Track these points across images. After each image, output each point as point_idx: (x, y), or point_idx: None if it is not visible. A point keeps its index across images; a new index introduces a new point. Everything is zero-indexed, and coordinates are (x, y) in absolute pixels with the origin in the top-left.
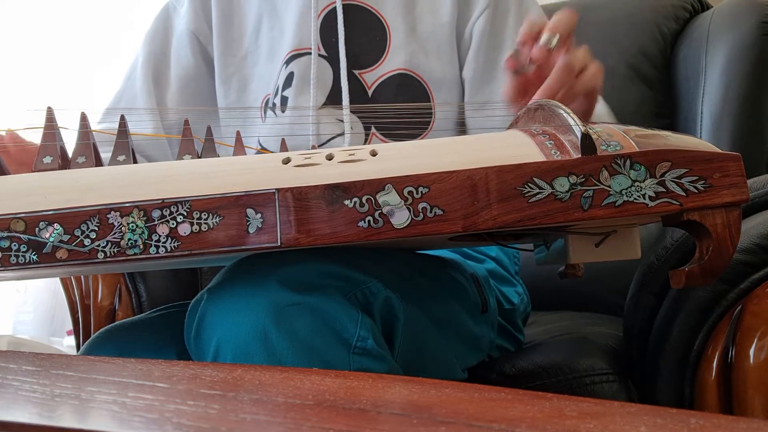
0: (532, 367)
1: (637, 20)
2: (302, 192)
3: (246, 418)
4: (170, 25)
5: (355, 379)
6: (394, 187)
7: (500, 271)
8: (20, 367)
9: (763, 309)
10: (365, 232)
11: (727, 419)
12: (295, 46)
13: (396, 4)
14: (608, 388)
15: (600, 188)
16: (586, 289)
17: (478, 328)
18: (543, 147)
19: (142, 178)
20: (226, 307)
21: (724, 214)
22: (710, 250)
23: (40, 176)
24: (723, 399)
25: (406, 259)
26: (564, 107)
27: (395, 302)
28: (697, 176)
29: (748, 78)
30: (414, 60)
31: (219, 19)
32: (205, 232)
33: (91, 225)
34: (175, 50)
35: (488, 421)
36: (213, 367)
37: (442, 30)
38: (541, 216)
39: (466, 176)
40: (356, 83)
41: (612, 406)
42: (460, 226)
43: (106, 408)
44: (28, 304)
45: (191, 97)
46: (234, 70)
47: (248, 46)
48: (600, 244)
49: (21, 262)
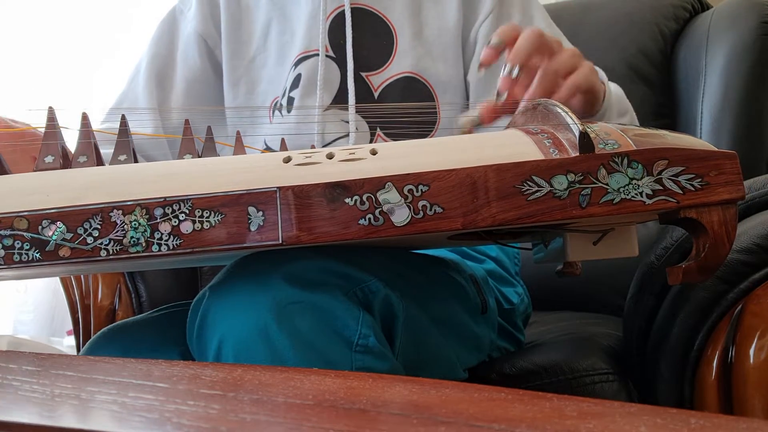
0: (532, 367)
1: (637, 20)
2: (303, 190)
3: (246, 418)
4: (177, 28)
5: (355, 379)
6: (394, 186)
7: (500, 272)
8: (20, 367)
9: (764, 309)
10: (366, 230)
11: (727, 419)
12: (304, 48)
13: (403, 9)
14: (608, 388)
15: (598, 186)
16: (586, 289)
17: (479, 328)
18: (541, 145)
19: (144, 177)
20: (228, 305)
21: (721, 211)
22: (707, 247)
23: (42, 175)
24: (723, 399)
25: (405, 258)
26: (562, 106)
27: (395, 301)
28: (693, 174)
29: (748, 78)
30: (420, 63)
31: (228, 22)
32: (207, 230)
33: (93, 223)
34: (181, 53)
35: (488, 421)
36: (213, 367)
37: (448, 34)
38: (540, 214)
39: (466, 174)
40: (363, 85)
41: (612, 406)
42: (460, 224)
43: (106, 408)
44: (28, 304)
45: (196, 99)
46: (242, 73)
47: (256, 49)
48: (598, 242)
49: (24, 260)
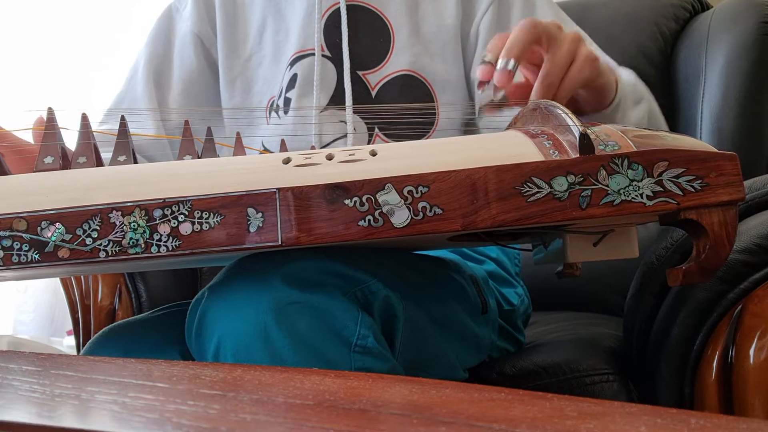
0: (532, 367)
1: (637, 20)
2: (303, 191)
3: (246, 418)
4: (173, 27)
5: (355, 379)
6: (393, 187)
7: (500, 273)
8: (20, 367)
9: (764, 309)
10: (365, 231)
11: (727, 419)
12: (299, 48)
13: (400, 5)
14: (608, 388)
15: (598, 187)
16: (586, 289)
17: (479, 328)
18: (541, 147)
19: (143, 178)
20: (227, 305)
21: (721, 212)
22: (707, 249)
23: (41, 176)
24: (723, 399)
25: (405, 258)
26: (563, 107)
27: (395, 301)
28: (694, 175)
29: (748, 78)
30: (418, 61)
31: (223, 21)
32: (206, 231)
33: (92, 224)
34: (178, 52)
35: (488, 421)
36: (213, 367)
37: (447, 30)
38: (540, 215)
39: (466, 176)
40: (360, 84)
41: (612, 406)
42: (460, 225)
43: (106, 408)
44: (28, 304)
45: (194, 99)
46: (238, 72)
47: (252, 47)
48: (598, 243)
49: (23, 261)
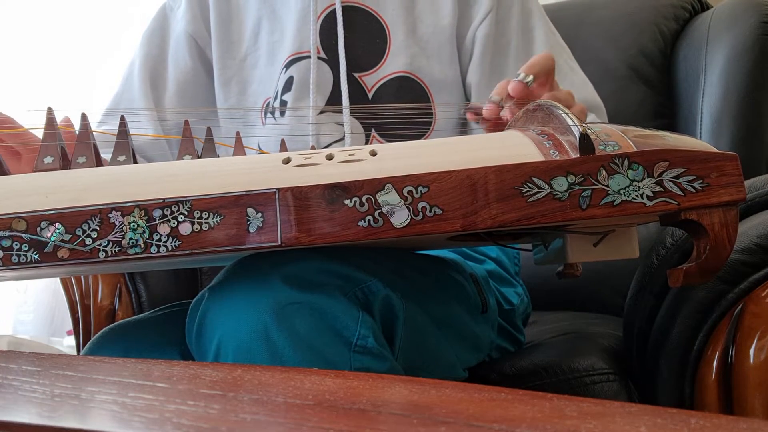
0: (532, 367)
1: (637, 20)
2: (302, 191)
3: (246, 418)
4: (167, 27)
5: (355, 379)
6: (393, 187)
7: (500, 272)
8: (20, 367)
9: (764, 309)
10: (365, 231)
11: (727, 419)
12: (295, 50)
13: (396, 6)
14: (608, 388)
15: (598, 188)
16: (586, 289)
17: (479, 328)
18: (542, 147)
19: (142, 178)
20: (228, 305)
21: (722, 213)
22: (708, 249)
23: (41, 176)
24: (723, 399)
25: (405, 258)
26: (563, 108)
27: (395, 301)
28: (694, 176)
29: (748, 78)
30: (414, 62)
31: (217, 21)
32: (205, 232)
33: (92, 224)
34: (172, 53)
35: (488, 421)
36: (213, 367)
37: (443, 32)
38: (540, 215)
39: (466, 176)
40: (356, 86)
41: (612, 406)
42: (459, 226)
43: (106, 408)
44: (28, 304)
45: (189, 100)
46: (233, 73)
47: (247, 48)
48: (598, 243)
49: (23, 262)
